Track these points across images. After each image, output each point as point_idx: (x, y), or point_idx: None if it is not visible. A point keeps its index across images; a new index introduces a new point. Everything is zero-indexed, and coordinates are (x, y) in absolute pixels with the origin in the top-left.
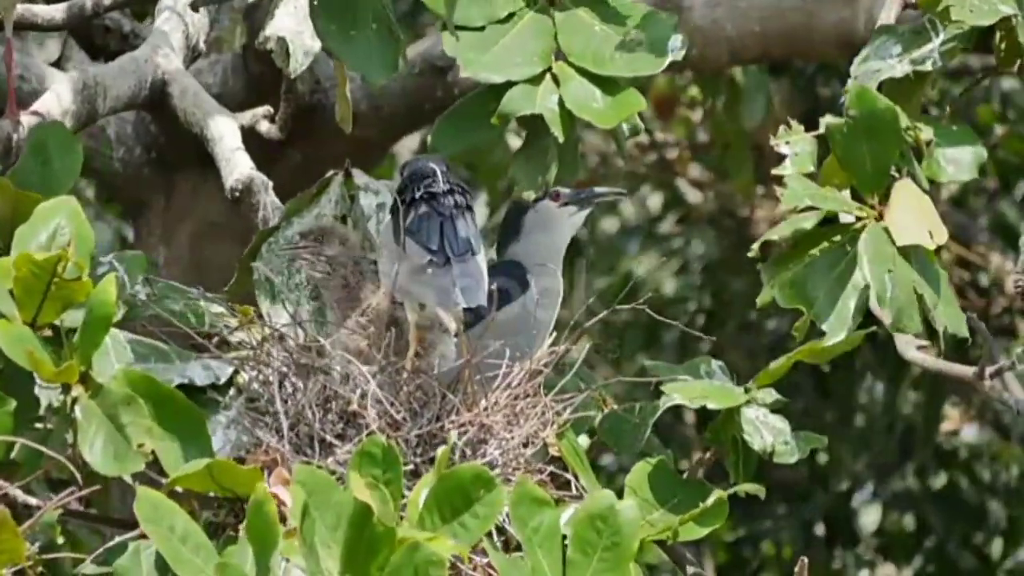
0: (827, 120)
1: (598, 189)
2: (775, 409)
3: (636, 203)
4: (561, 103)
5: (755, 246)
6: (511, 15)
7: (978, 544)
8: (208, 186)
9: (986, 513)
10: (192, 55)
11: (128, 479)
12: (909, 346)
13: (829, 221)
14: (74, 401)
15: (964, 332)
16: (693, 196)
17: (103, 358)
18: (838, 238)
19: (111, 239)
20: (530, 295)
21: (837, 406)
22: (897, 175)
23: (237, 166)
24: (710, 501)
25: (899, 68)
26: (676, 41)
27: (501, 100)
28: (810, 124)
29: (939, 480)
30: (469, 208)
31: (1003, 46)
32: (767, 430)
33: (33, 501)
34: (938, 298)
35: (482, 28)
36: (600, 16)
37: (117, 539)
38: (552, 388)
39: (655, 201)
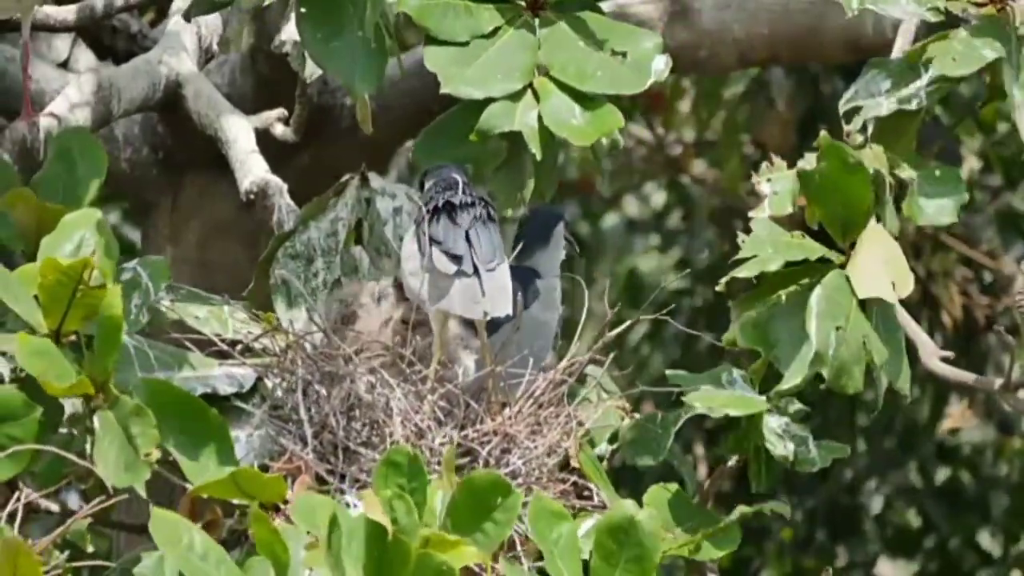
0: (800, 165)
1: (576, 248)
2: (797, 419)
3: (640, 200)
4: (540, 120)
5: (723, 282)
6: (496, 30)
7: (979, 542)
8: (216, 187)
9: (989, 508)
10: (205, 57)
11: (141, 489)
12: (932, 357)
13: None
14: (92, 411)
15: (906, 390)
16: (697, 192)
17: (127, 368)
18: (805, 281)
19: None
20: (545, 301)
21: (841, 402)
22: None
23: (252, 169)
24: (735, 516)
25: (885, 106)
26: (660, 62)
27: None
28: (811, 122)
29: (941, 476)
30: (492, 218)
31: (990, 83)
32: (789, 438)
33: (55, 508)
34: (887, 354)
35: (466, 43)
36: (583, 32)
37: (140, 549)
38: (573, 397)
39: (658, 198)
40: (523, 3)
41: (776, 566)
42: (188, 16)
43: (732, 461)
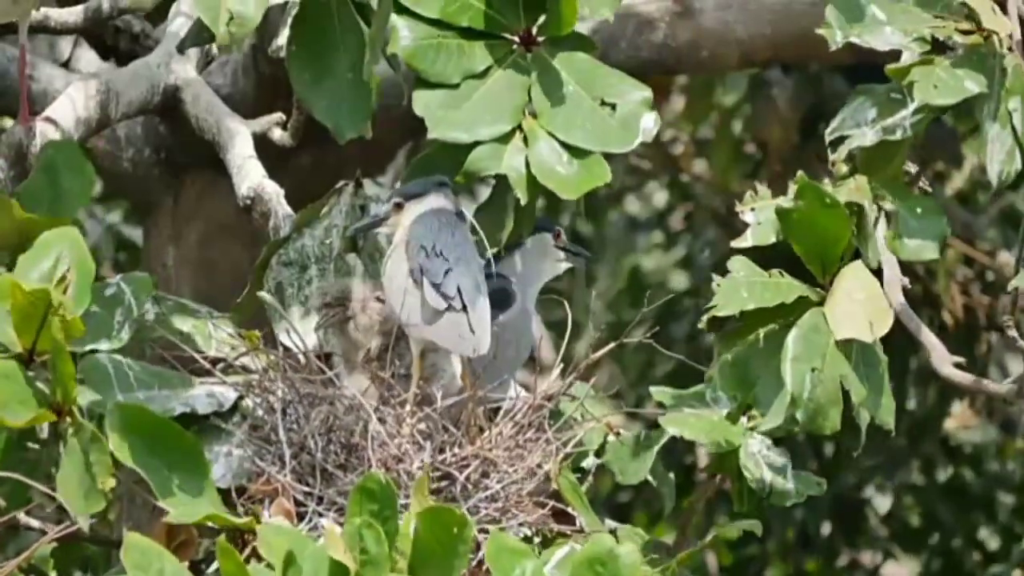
0: (779, 203)
1: (586, 253)
2: (777, 440)
3: (642, 199)
4: (527, 165)
5: (704, 318)
6: (488, 69)
7: (983, 539)
8: (217, 187)
9: (993, 506)
10: (205, 60)
11: (111, 513)
12: (944, 362)
13: None
14: (59, 435)
15: (890, 424)
16: (699, 191)
17: (106, 388)
18: (783, 320)
19: (101, 236)
20: (523, 299)
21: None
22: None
23: (249, 174)
24: (708, 539)
25: (870, 136)
26: (648, 121)
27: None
28: (813, 122)
29: (945, 474)
30: (476, 243)
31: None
32: (767, 466)
33: (35, 524)
34: (866, 392)
35: (457, 85)
36: (574, 76)
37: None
38: (556, 417)
39: (661, 197)
40: (516, 39)
41: (779, 565)
42: (182, 48)
43: (712, 483)
